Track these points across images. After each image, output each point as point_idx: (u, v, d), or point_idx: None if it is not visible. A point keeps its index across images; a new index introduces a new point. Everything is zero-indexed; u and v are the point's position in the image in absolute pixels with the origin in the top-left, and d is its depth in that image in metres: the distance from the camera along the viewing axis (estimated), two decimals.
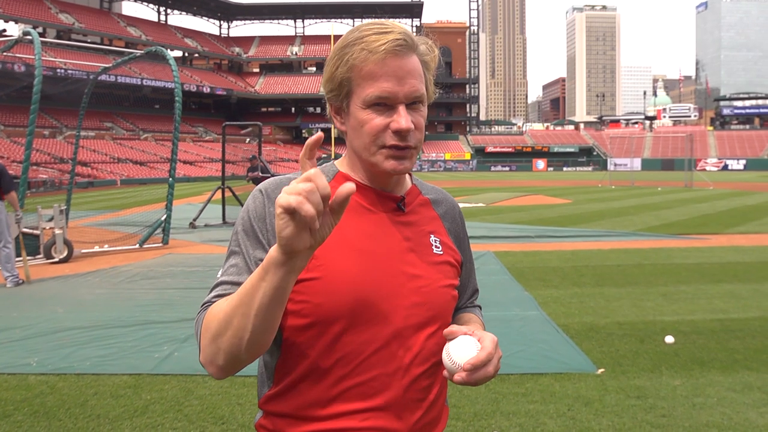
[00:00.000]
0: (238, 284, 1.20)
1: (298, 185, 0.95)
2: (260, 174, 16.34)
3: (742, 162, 73.23)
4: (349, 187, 0.99)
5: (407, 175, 1.44)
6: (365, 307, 1.25)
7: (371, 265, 1.27)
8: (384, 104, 1.25)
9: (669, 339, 5.66)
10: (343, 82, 1.27)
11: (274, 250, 1.02)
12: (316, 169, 0.99)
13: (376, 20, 1.29)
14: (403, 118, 1.24)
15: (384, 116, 1.26)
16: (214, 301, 1.21)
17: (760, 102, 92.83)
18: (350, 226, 1.29)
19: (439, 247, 1.39)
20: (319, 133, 1.01)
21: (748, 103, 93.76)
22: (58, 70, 52.23)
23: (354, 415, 1.24)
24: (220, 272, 1.28)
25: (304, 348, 1.26)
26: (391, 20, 1.30)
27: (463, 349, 1.19)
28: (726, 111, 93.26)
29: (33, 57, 11.38)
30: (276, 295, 1.06)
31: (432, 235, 1.39)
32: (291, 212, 0.95)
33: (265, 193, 1.29)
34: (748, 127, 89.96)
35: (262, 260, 1.20)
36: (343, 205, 1.00)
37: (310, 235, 0.99)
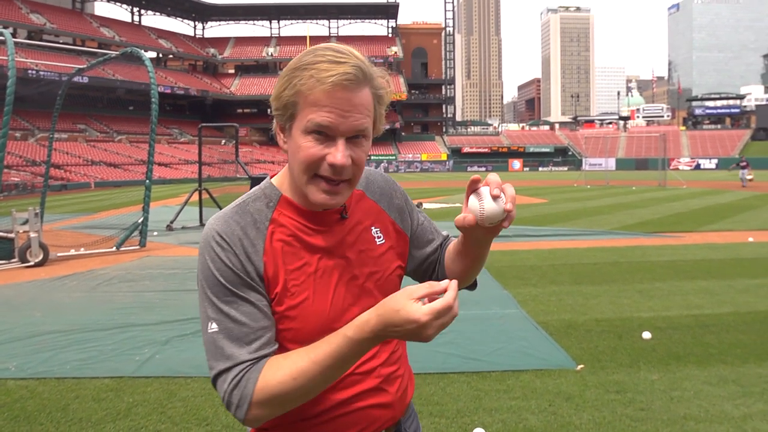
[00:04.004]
0: (264, 329, 1.25)
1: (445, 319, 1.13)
2: None
3: (714, 161, 74.39)
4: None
5: None
6: (338, 318, 1.31)
7: (334, 280, 1.34)
8: (324, 134, 1.24)
9: (646, 335, 5.76)
10: (288, 104, 1.26)
11: (380, 330, 1.14)
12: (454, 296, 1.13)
13: (335, 46, 1.26)
14: (339, 153, 1.23)
15: (322, 146, 1.24)
16: (252, 359, 1.22)
17: (731, 102, 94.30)
18: (306, 250, 1.34)
19: (380, 237, 1.45)
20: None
21: (719, 103, 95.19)
22: (30, 72, 51.48)
23: (348, 401, 1.34)
24: (217, 325, 1.24)
25: None
26: (350, 49, 1.28)
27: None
28: (698, 111, 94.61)
29: (4, 58, 11.24)
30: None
31: (373, 227, 1.45)
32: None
33: (228, 240, 1.27)
34: (719, 126, 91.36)
35: (262, 302, 1.27)
36: None
37: None
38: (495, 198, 1.25)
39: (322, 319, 1.30)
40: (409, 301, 1.11)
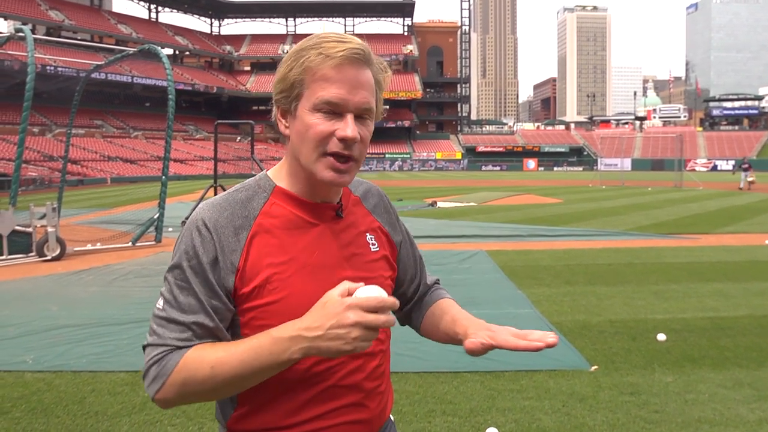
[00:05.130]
0: (199, 326, 1.22)
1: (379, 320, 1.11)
2: None
3: (731, 162, 73.60)
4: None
5: None
6: None
7: (321, 278, 1.29)
8: (332, 111, 1.24)
9: (661, 336, 5.73)
10: (295, 83, 1.26)
11: (297, 351, 1.13)
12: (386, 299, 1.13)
13: (336, 32, 1.30)
14: (349, 127, 1.24)
15: (331, 122, 1.25)
16: (178, 346, 1.20)
17: (749, 103, 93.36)
18: (296, 244, 1.30)
19: (375, 244, 1.43)
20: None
21: (737, 104, 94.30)
22: (48, 68, 51.97)
23: (326, 415, 1.28)
24: (163, 303, 1.24)
25: None
26: (351, 35, 1.30)
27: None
28: (715, 112, 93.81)
29: (25, 54, 11.35)
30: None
31: (367, 234, 1.43)
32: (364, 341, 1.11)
33: (212, 228, 1.26)
34: (737, 127, 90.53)
35: (218, 308, 1.23)
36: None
37: None
38: None
39: (299, 317, 1.20)
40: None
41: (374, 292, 1.13)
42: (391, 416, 1.52)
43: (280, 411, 1.27)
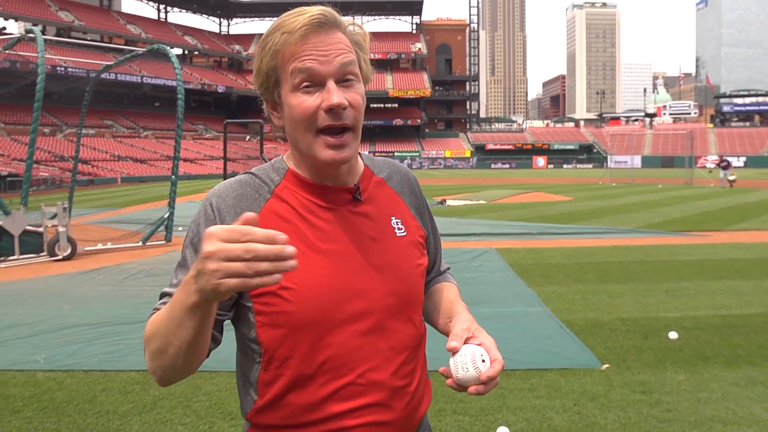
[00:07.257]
0: None
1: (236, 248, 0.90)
2: None
3: (742, 159, 73.11)
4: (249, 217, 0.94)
5: (358, 156, 1.38)
6: (337, 307, 1.21)
7: (338, 265, 1.23)
8: (312, 83, 1.19)
9: (672, 335, 5.69)
10: (269, 72, 1.22)
11: (195, 296, 0.98)
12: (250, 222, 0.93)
13: (298, 8, 1.22)
14: (333, 94, 1.18)
15: (314, 96, 1.19)
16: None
17: (760, 99, 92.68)
18: (310, 229, 1.25)
19: (401, 228, 1.35)
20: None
21: (748, 100, 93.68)
22: (59, 68, 52.23)
23: (346, 415, 1.23)
24: (168, 284, 1.25)
25: (285, 358, 1.22)
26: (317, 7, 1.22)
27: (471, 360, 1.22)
28: (726, 108, 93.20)
29: (35, 55, 11.41)
30: (199, 332, 1.06)
31: (393, 218, 1.35)
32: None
33: (216, 209, 1.24)
34: (748, 124, 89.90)
35: None
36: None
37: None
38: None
39: (318, 304, 1.19)
40: None
41: None
42: (429, 422, 1.45)
43: (298, 406, 1.23)
